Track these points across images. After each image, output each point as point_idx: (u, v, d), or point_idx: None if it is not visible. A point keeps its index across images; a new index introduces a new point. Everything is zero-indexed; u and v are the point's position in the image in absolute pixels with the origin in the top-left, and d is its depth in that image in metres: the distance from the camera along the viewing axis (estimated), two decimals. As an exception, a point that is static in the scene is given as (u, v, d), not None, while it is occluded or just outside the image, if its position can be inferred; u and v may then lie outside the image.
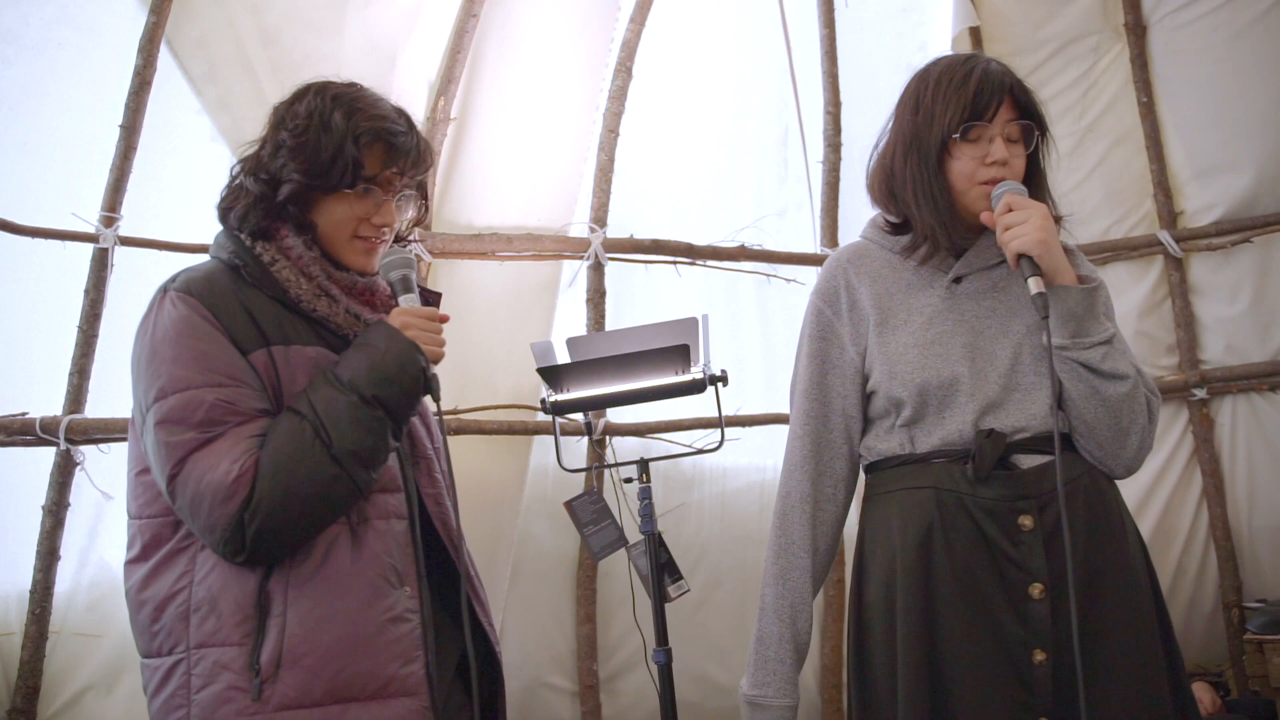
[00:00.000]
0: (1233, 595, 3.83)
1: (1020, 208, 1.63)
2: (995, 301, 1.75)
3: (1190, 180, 4.00)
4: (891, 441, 1.74)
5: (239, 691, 1.41)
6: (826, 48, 4.05)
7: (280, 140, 1.56)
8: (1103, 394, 1.65)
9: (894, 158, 1.75)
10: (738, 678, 3.66)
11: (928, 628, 1.63)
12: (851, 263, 1.80)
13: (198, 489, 1.40)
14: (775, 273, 3.94)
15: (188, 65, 3.06)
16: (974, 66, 1.70)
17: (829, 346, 1.78)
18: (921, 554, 1.65)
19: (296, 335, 1.54)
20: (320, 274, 1.56)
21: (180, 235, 3.12)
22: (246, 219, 1.56)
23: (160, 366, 1.45)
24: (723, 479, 3.82)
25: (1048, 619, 1.61)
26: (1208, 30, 3.88)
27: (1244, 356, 3.89)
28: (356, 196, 1.57)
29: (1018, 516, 1.63)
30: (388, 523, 1.55)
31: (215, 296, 1.49)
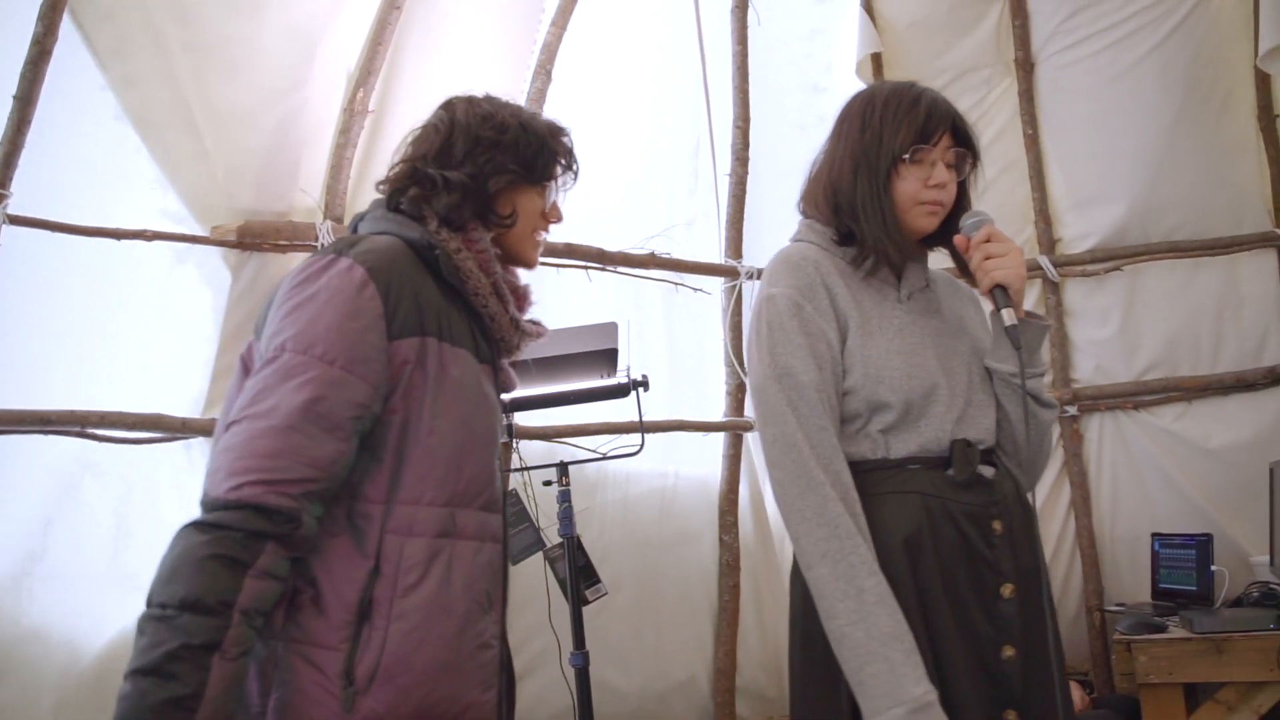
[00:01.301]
0: (1095, 599, 4.07)
1: (1000, 239, 1.75)
2: (939, 321, 1.86)
3: (1069, 209, 4.23)
4: (863, 445, 1.76)
5: (329, 696, 1.37)
6: (739, 63, 4.12)
7: (478, 137, 1.59)
8: (1038, 418, 1.80)
9: (841, 174, 1.81)
10: (634, 681, 3.77)
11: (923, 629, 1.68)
12: (820, 263, 1.82)
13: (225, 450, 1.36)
14: (683, 281, 3.99)
15: (93, 37, 2.88)
16: (922, 93, 1.81)
17: (817, 342, 1.75)
18: (912, 558, 1.70)
19: (452, 333, 1.53)
20: (498, 272, 1.59)
21: (75, 216, 2.94)
22: (458, 210, 1.57)
23: (296, 323, 1.42)
24: (626, 484, 3.84)
25: (1016, 617, 1.71)
26: (1090, 71, 4.13)
27: (1112, 377, 4.14)
28: (548, 192, 1.66)
29: (991, 521, 1.74)
30: (484, 544, 1.53)
31: (392, 274, 1.48)
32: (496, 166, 1.58)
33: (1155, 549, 3.86)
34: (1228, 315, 4.07)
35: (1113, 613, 3.90)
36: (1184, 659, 3.17)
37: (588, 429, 3.64)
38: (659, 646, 3.84)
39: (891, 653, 1.58)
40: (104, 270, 2.97)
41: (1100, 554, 4.13)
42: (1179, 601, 3.65)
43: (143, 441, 2.99)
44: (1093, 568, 4.11)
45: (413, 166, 1.61)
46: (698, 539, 3.97)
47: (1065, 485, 4.18)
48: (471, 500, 1.51)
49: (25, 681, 2.85)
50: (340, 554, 1.42)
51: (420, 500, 1.46)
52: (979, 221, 1.76)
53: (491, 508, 1.56)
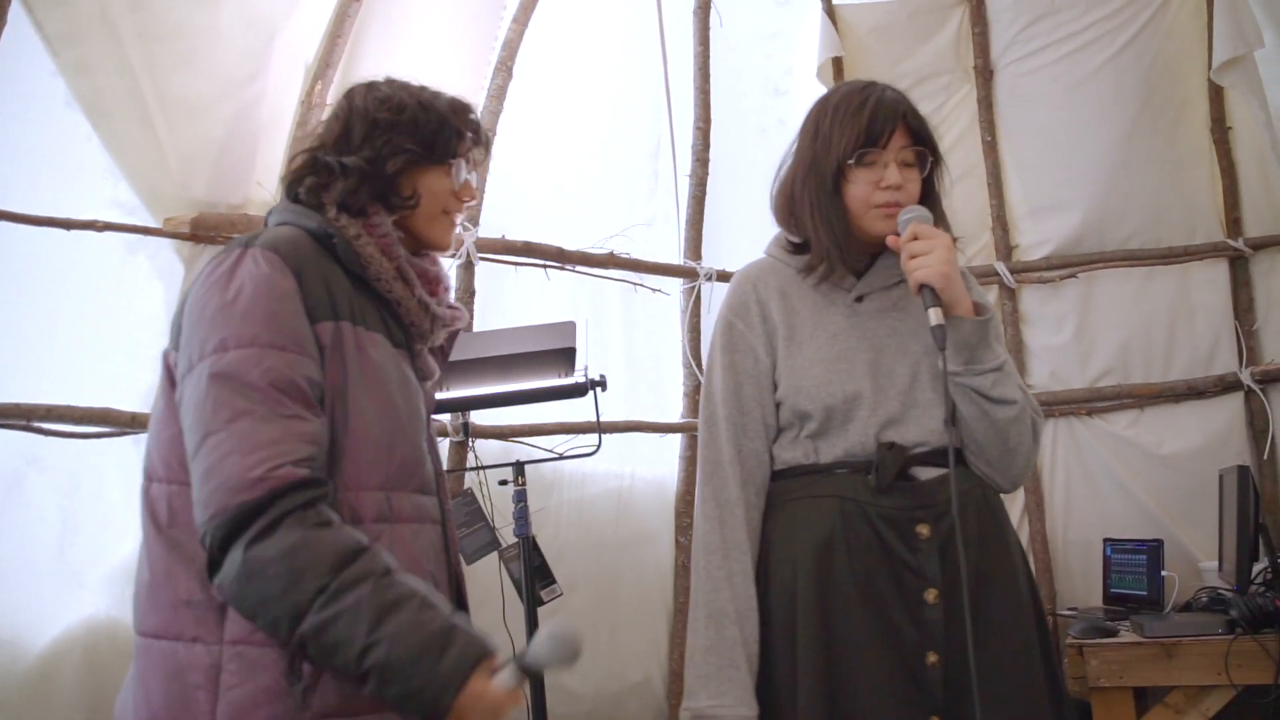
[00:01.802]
0: (1048, 604, 4.09)
1: (926, 236, 1.72)
2: (896, 320, 1.85)
3: (1025, 216, 4.27)
4: (796, 451, 1.81)
5: (279, 695, 1.34)
6: (700, 64, 4.12)
7: (375, 120, 1.56)
8: (992, 417, 1.76)
9: (794, 181, 1.84)
10: (589, 683, 3.76)
11: (826, 631, 1.70)
12: (760, 279, 1.88)
13: (220, 460, 1.30)
14: (642, 282, 3.98)
15: (43, 22, 2.81)
16: (870, 95, 1.80)
17: (742, 358, 1.83)
18: (822, 560, 1.72)
19: (365, 318, 1.51)
20: (402, 256, 1.56)
21: (24, 205, 2.87)
22: (355, 195, 1.53)
23: (229, 320, 1.38)
24: (582, 485, 3.82)
25: (940, 623, 1.70)
26: (1049, 79, 4.17)
27: (1066, 383, 4.18)
28: (453, 170, 1.61)
29: (915, 525, 1.72)
30: (423, 527, 1.52)
31: (300, 260, 1.46)
32: (394, 147, 1.55)
33: (1107, 554, 3.90)
34: (1180, 323, 4.13)
35: (1065, 617, 3.92)
36: (1134, 663, 3.20)
37: (544, 429, 3.63)
38: (614, 648, 3.83)
39: (703, 665, 1.73)
40: (53, 261, 2.89)
41: (1053, 558, 4.16)
42: (1130, 606, 3.68)
43: (90, 436, 2.93)
44: (1045, 572, 4.13)
45: (312, 155, 1.59)
46: (654, 540, 3.96)
47: (1020, 490, 4.20)
48: (405, 483, 1.50)
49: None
50: None
51: (357, 485, 1.43)
52: (909, 220, 1.75)
53: (425, 490, 1.55)
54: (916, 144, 1.80)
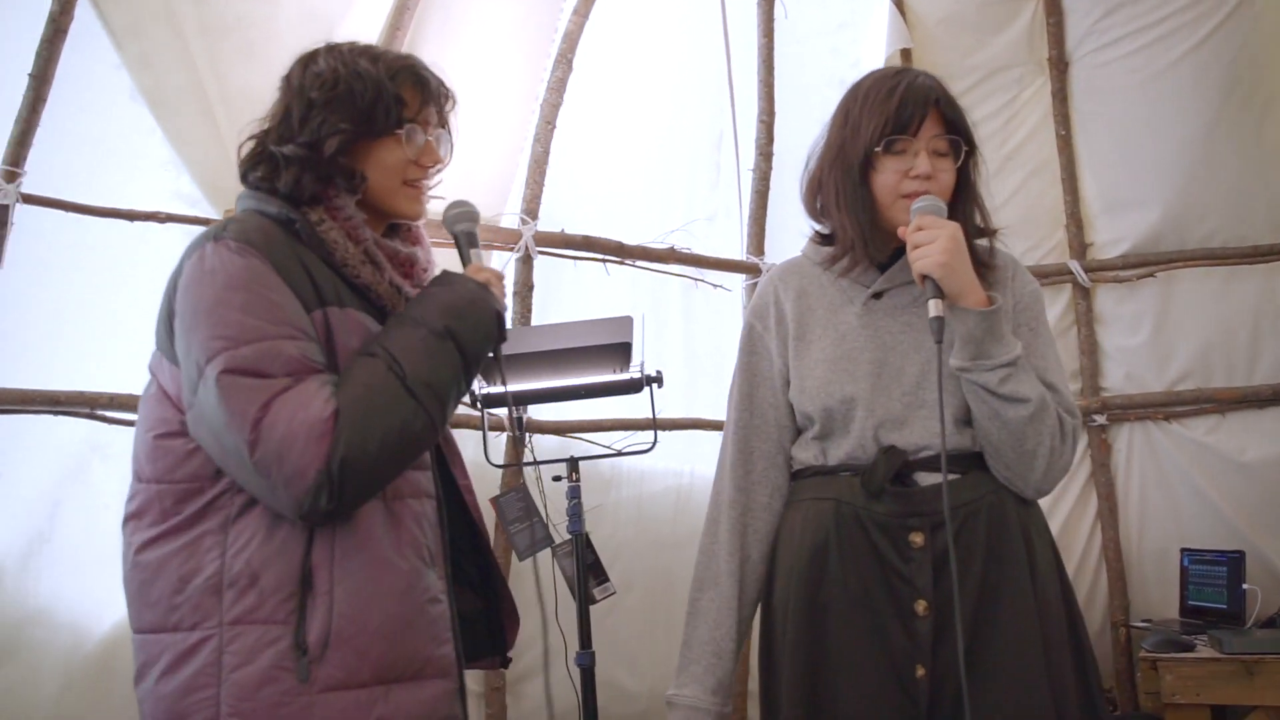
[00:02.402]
0: (1121, 615, 3.97)
1: (930, 227, 1.64)
2: (912, 316, 1.77)
3: (1101, 213, 4.13)
4: (808, 453, 1.79)
5: (284, 671, 1.35)
6: (764, 56, 4.07)
7: (310, 101, 1.51)
8: (1003, 416, 1.67)
9: (822, 168, 1.78)
10: (644, 682, 3.71)
11: (814, 633, 1.67)
12: (782, 278, 1.86)
13: (290, 428, 1.31)
14: (702, 277, 3.93)
15: (109, 16, 2.87)
16: (900, 80, 1.73)
17: (758, 360, 1.84)
18: (815, 562, 1.70)
19: (347, 298, 1.49)
20: (368, 238, 1.52)
21: (89, 197, 2.93)
22: (301, 185, 1.49)
23: (228, 315, 1.36)
24: (640, 482, 3.79)
25: (929, 636, 1.64)
26: (1126, 71, 4.03)
27: (1142, 386, 4.04)
28: (403, 140, 1.53)
29: (909, 533, 1.67)
30: (419, 501, 1.52)
31: (275, 249, 1.43)
32: (330, 127, 1.49)
33: (1184, 564, 3.75)
34: (1266, 325, 3.95)
35: (1139, 629, 3.80)
36: (1212, 680, 3.08)
37: (602, 425, 3.60)
38: (670, 647, 3.73)
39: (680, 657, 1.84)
40: (116, 251, 2.95)
41: (1127, 568, 4.04)
42: (1208, 620, 3.55)
43: (152, 424, 2.97)
44: (1119, 581, 4.01)
45: (259, 143, 1.55)
46: (712, 539, 3.90)
47: (1092, 496, 4.08)
48: None
49: (30, 663, 2.84)
50: (270, 531, 1.39)
51: None
52: (917, 209, 1.68)
53: (419, 465, 1.53)
54: (950, 132, 1.72)
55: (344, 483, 1.33)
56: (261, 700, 1.34)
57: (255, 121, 1.57)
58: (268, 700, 1.34)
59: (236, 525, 1.39)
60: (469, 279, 1.55)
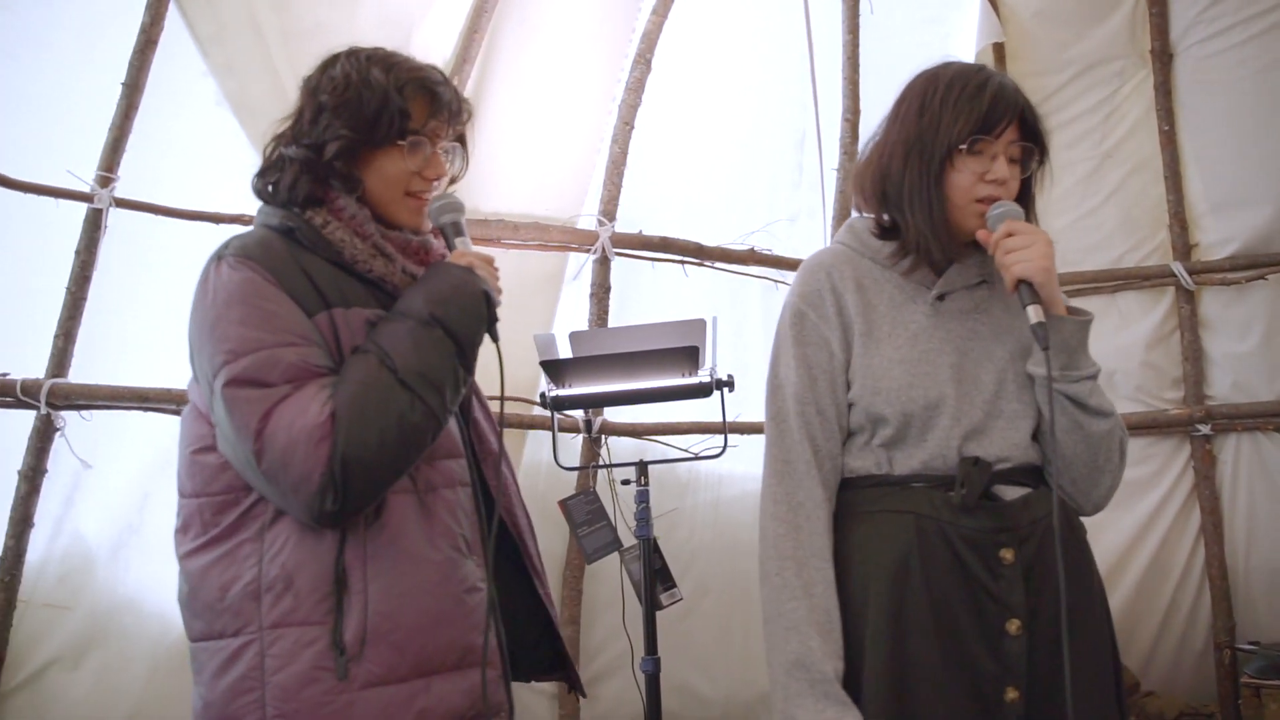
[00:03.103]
0: (1225, 636, 3.77)
1: (1023, 232, 1.59)
2: (977, 323, 1.70)
3: (1207, 213, 3.94)
4: (867, 460, 1.67)
5: (324, 671, 1.38)
6: (849, 54, 3.98)
7: (320, 104, 1.53)
8: (1086, 429, 1.62)
9: (892, 159, 1.67)
10: (720, 688, 3.67)
11: (898, 660, 1.56)
12: (834, 267, 1.72)
13: (290, 436, 1.35)
14: (783, 279, 3.87)
15: (196, 26, 2.97)
16: (988, 79, 1.64)
17: (815, 351, 1.68)
18: (896, 582, 1.58)
19: (355, 298, 1.51)
20: (374, 232, 1.54)
21: (177, 200, 3.04)
22: (296, 187, 1.52)
23: (228, 329, 1.40)
24: (718, 486, 3.75)
25: (1023, 656, 1.56)
26: (1235, 62, 3.84)
27: (1251, 394, 3.84)
28: (407, 150, 1.54)
29: (999, 549, 1.58)
30: (454, 491, 1.53)
31: (273, 260, 1.45)
32: (331, 133, 1.50)
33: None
34: (1385, 331, 3.73)
35: (1245, 651, 3.60)
36: (1318, 707, 2.90)
37: (677, 427, 3.57)
38: (747, 654, 3.73)
39: (790, 681, 1.57)
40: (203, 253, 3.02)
41: (1233, 587, 3.84)
42: (1318, 647, 3.35)
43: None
44: (1223, 601, 3.82)
45: (275, 145, 1.57)
46: (791, 546, 3.84)
47: (1194, 510, 3.90)
48: (432, 450, 1.50)
49: (120, 649, 2.97)
50: (303, 534, 1.42)
51: None
52: (1003, 215, 1.61)
53: (452, 454, 1.55)
54: (1027, 139, 1.66)
55: (347, 482, 1.35)
56: (304, 700, 1.37)
57: (280, 120, 1.59)
58: (310, 700, 1.37)
59: (271, 531, 1.42)
60: (452, 265, 1.56)
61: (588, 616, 3.57)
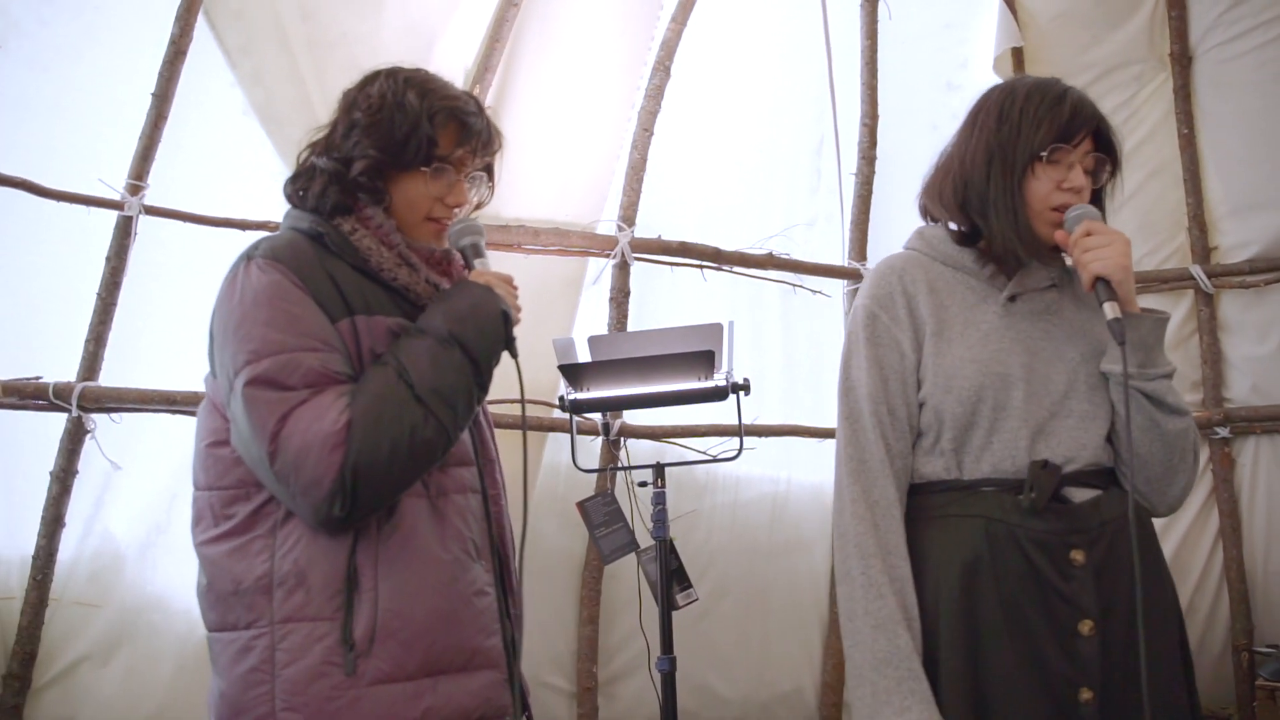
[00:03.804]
0: (1243, 638, 3.78)
1: (1101, 232, 1.62)
2: (1049, 324, 1.72)
3: (1226, 216, 3.95)
4: (936, 464, 1.69)
5: (332, 666, 1.40)
6: (867, 59, 4.01)
7: (353, 120, 1.57)
8: (1162, 427, 1.64)
9: (974, 167, 1.70)
10: (738, 689, 3.70)
11: (972, 664, 1.58)
12: (906, 270, 1.75)
13: (305, 440, 1.38)
14: (801, 283, 3.89)
15: (224, 37, 3.03)
16: (1066, 90, 1.68)
17: (887, 352, 1.70)
18: (967, 586, 1.60)
19: (379, 305, 1.54)
20: (400, 242, 1.57)
21: (206, 208, 3.10)
22: (325, 195, 1.56)
23: (253, 330, 1.43)
24: (735, 488, 3.78)
25: (1096, 657, 1.57)
26: (1255, 65, 3.84)
27: (1270, 397, 3.84)
28: (431, 176, 1.58)
29: (1069, 551, 1.59)
30: (464, 497, 1.57)
31: (301, 264, 1.48)
32: (360, 150, 1.54)
33: (1315, 587, 3.55)
34: None
35: (1262, 654, 3.60)
36: (1333, 709, 2.90)
37: (695, 430, 3.61)
38: (765, 655, 3.77)
39: (878, 678, 1.57)
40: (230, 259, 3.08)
41: (1251, 589, 3.85)
42: (1334, 647, 3.35)
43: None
44: (1241, 604, 3.83)
45: (308, 155, 1.61)
46: (809, 548, 3.87)
47: (1213, 513, 3.91)
48: (445, 457, 1.52)
49: (148, 646, 3.03)
50: (315, 532, 1.44)
51: None
52: (1080, 216, 1.64)
53: (464, 461, 1.58)
54: (1101, 150, 1.69)
55: (356, 490, 1.38)
56: (312, 695, 1.39)
57: (314, 130, 1.64)
58: (318, 695, 1.39)
59: (285, 528, 1.45)
60: (473, 284, 1.60)
61: (606, 617, 3.61)
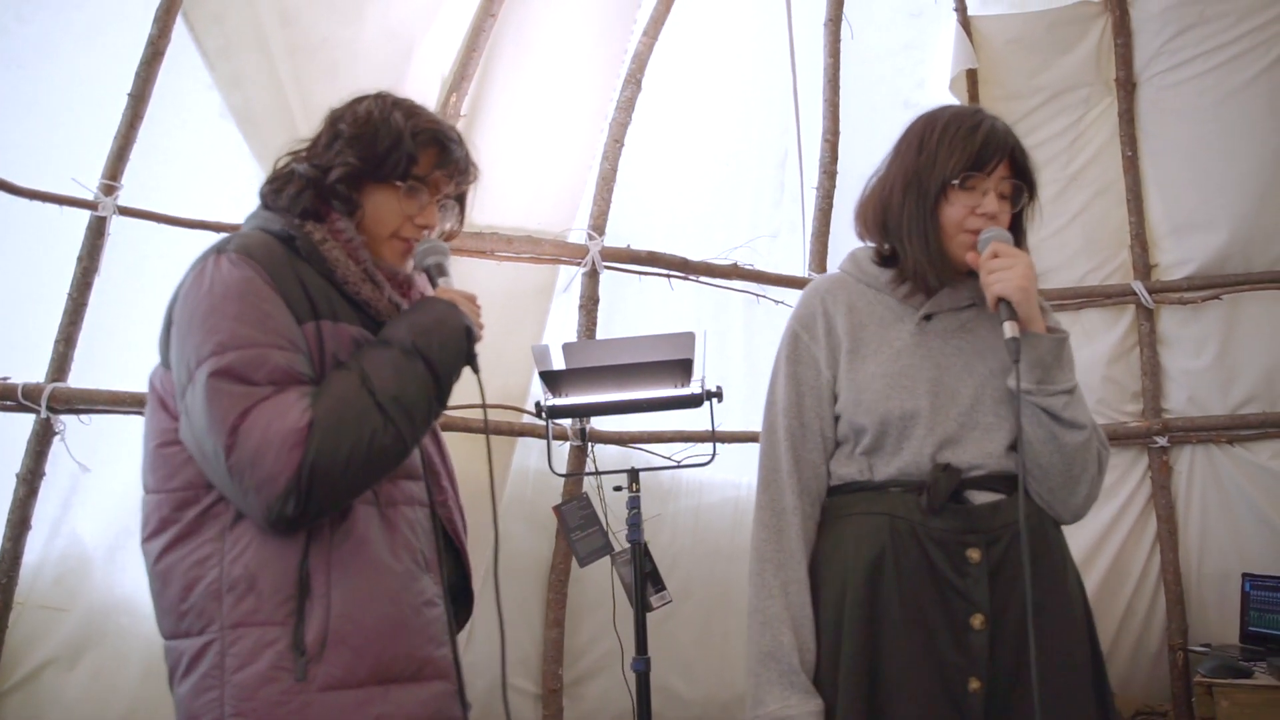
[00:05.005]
0: (1179, 638, 3.94)
1: (1006, 254, 1.71)
2: (962, 341, 1.82)
3: (1166, 235, 4.11)
4: (851, 467, 1.79)
5: (283, 671, 1.38)
6: (830, 76, 4.11)
7: (338, 131, 1.60)
8: (1060, 440, 1.73)
9: (893, 192, 1.80)
10: (700, 689, 3.77)
11: (871, 650, 1.68)
12: (829, 292, 1.86)
13: (264, 436, 1.37)
14: (764, 293, 3.98)
15: (202, 39, 3.01)
16: (982, 120, 1.78)
17: (805, 369, 1.81)
18: (871, 578, 1.70)
19: (343, 314, 1.55)
20: (367, 259, 1.59)
21: (179, 209, 3.08)
22: (299, 199, 1.57)
23: (220, 323, 1.41)
24: (699, 493, 3.85)
25: (985, 649, 1.67)
26: (1195, 92, 4.01)
27: (1205, 409, 4.01)
28: (405, 193, 1.60)
29: (965, 549, 1.69)
30: (412, 509, 1.57)
31: (273, 263, 1.48)
32: (340, 159, 1.57)
33: (1246, 590, 3.72)
34: (1335, 351, 3.91)
35: (1197, 653, 3.77)
36: (1270, 707, 3.06)
37: (663, 436, 3.67)
38: (725, 656, 3.84)
39: (763, 670, 1.71)
40: (204, 262, 3.08)
41: (1186, 591, 4.00)
42: (1270, 646, 3.51)
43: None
44: (1177, 605, 3.98)
45: (289, 162, 1.63)
46: (768, 551, 3.94)
47: (1151, 518, 4.06)
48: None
49: (116, 649, 3.00)
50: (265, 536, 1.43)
51: None
52: (989, 239, 1.74)
53: (412, 475, 1.59)
54: (1017, 177, 1.79)
55: (311, 490, 1.37)
56: (261, 700, 1.38)
57: (296, 141, 1.66)
58: (267, 700, 1.38)
59: (234, 531, 1.43)
60: (438, 300, 1.62)
61: (572, 620, 3.65)
